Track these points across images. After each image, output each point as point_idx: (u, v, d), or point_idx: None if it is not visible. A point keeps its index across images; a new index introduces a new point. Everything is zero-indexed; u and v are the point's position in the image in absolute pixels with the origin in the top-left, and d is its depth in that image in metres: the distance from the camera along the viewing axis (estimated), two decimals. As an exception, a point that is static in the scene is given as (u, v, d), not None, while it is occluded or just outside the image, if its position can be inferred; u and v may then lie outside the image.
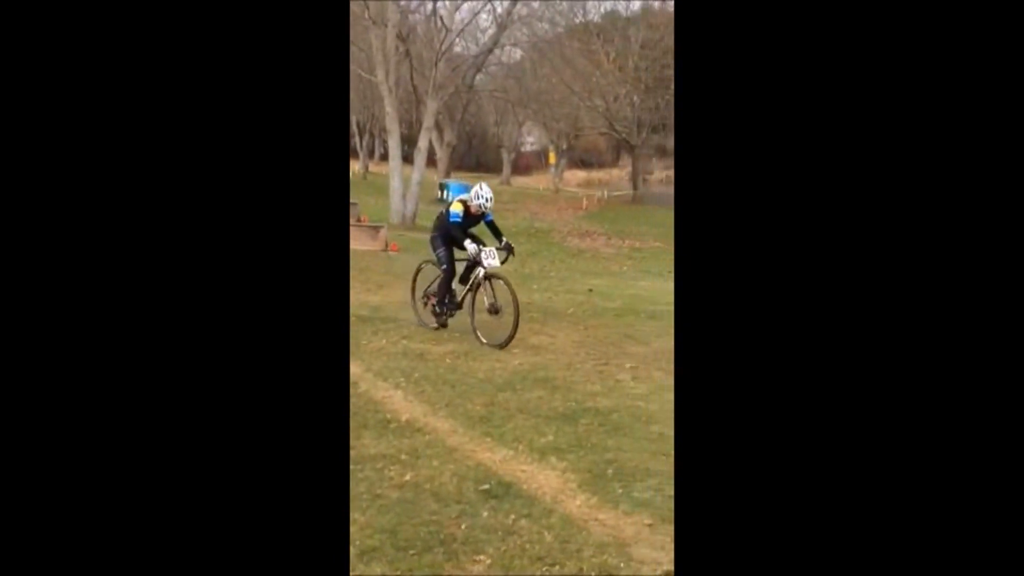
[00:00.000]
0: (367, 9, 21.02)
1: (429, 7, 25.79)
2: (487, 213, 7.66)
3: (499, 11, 26.30)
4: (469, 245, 7.43)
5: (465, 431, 4.93)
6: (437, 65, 23.17)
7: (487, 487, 3.99)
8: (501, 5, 26.06)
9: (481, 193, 7.58)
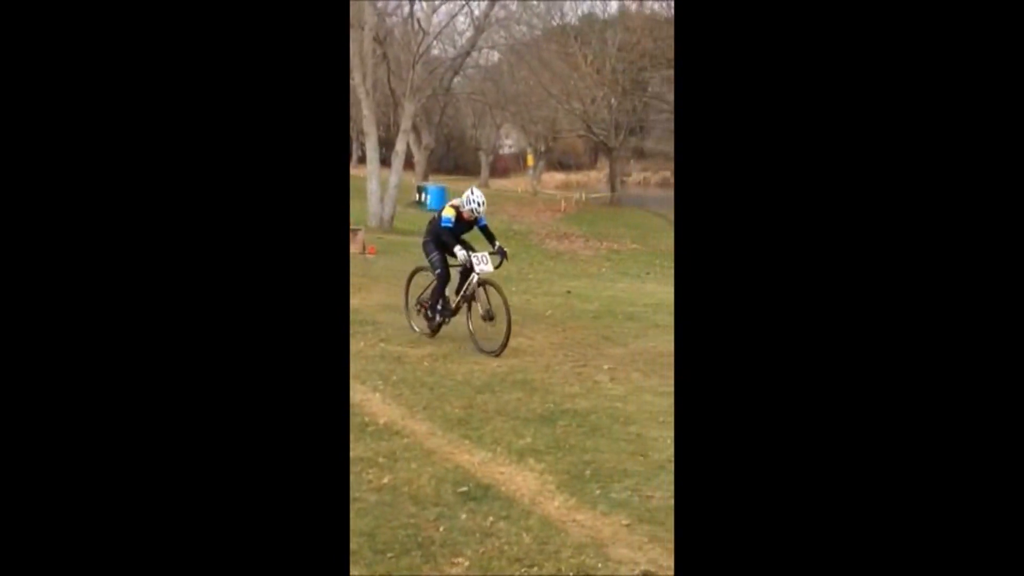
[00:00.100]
0: (344, 12, 20.89)
1: (406, 10, 25.70)
2: (480, 218, 7.49)
3: (476, 14, 26.29)
4: (459, 251, 7.26)
5: (443, 433, 4.93)
6: (414, 68, 23.12)
7: (465, 489, 4.00)
8: (478, 8, 26.06)
9: (472, 198, 7.41)
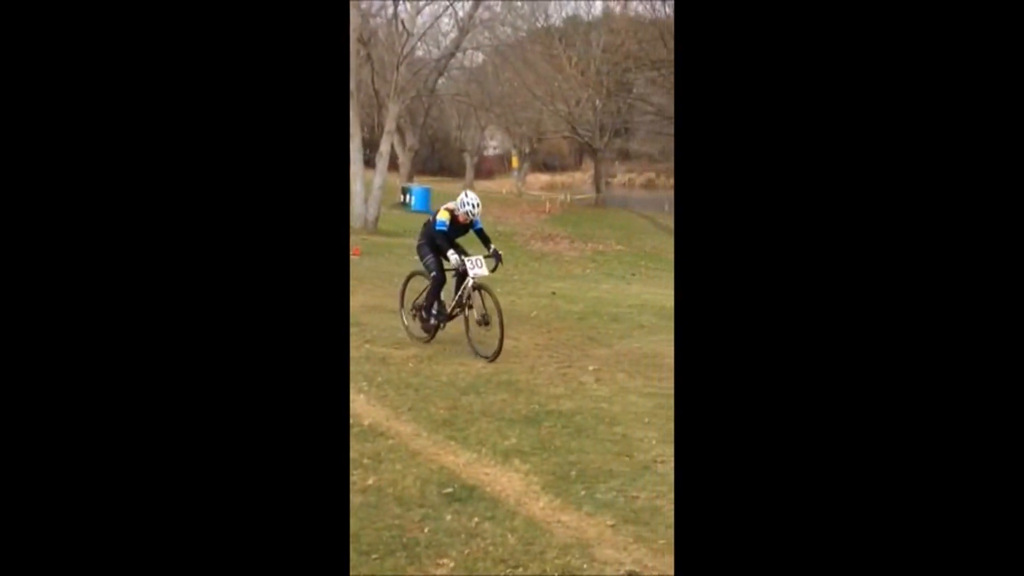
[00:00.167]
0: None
1: (390, 11, 25.64)
2: (476, 221, 7.34)
3: (461, 15, 26.25)
4: (452, 255, 7.07)
5: (428, 435, 4.92)
6: (399, 69, 23.06)
7: (450, 490, 3.99)
8: (463, 9, 26.01)
9: (466, 200, 7.25)
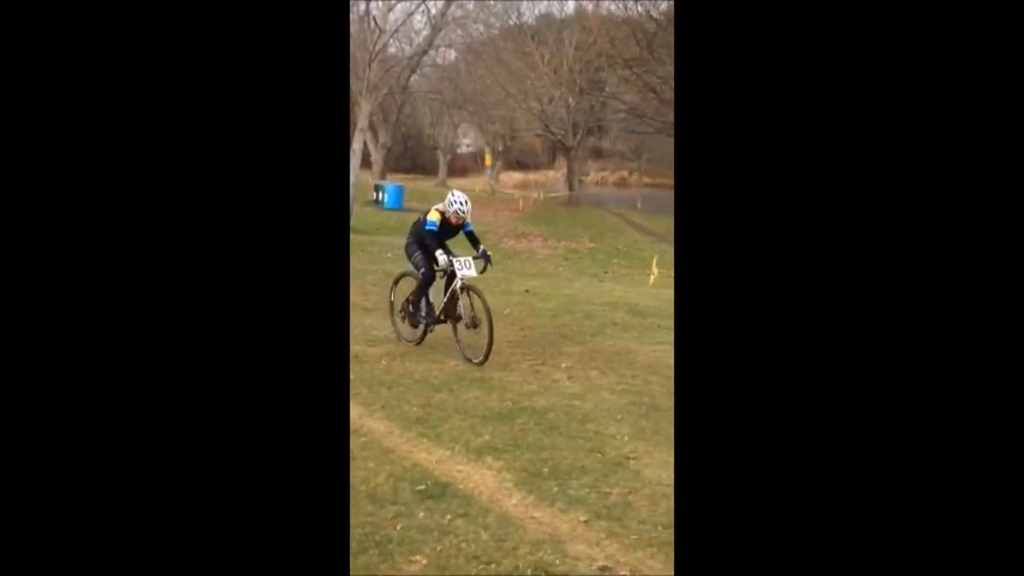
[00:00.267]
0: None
1: (362, 7, 25.53)
2: (467, 223, 7.22)
3: (433, 12, 26.21)
4: (440, 256, 6.93)
5: (401, 432, 4.92)
6: (371, 66, 22.99)
7: (423, 488, 3.99)
8: (435, 6, 25.96)
9: (454, 199, 7.09)
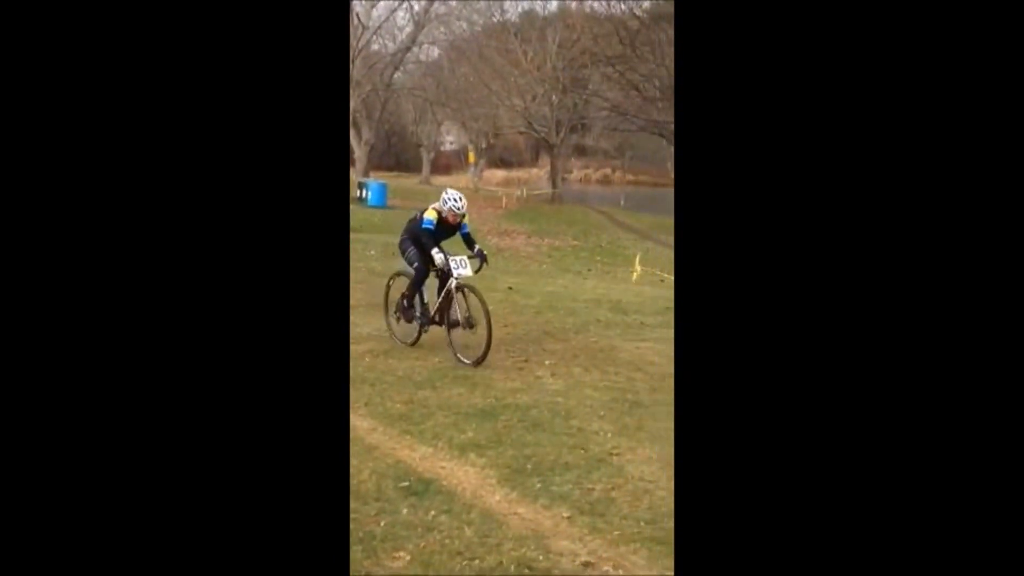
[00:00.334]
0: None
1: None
2: (464, 225, 7.12)
3: (416, 9, 26.20)
4: (436, 255, 6.82)
5: (384, 429, 4.91)
6: (354, 63, 22.99)
7: (406, 484, 3.99)
8: (418, 3, 25.98)
9: (448, 197, 6.97)
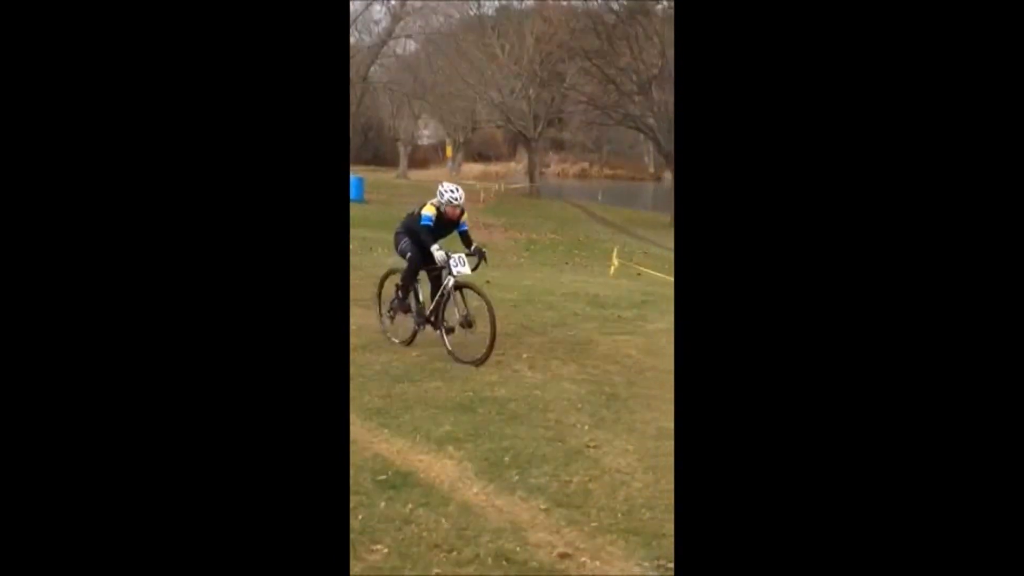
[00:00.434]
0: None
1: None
2: (463, 223, 6.98)
3: (392, 2, 26.08)
4: (437, 252, 6.70)
5: (362, 423, 4.91)
6: (330, 56, 22.82)
7: (384, 478, 4.00)
8: (395, -3, 25.87)
9: (444, 190, 6.83)
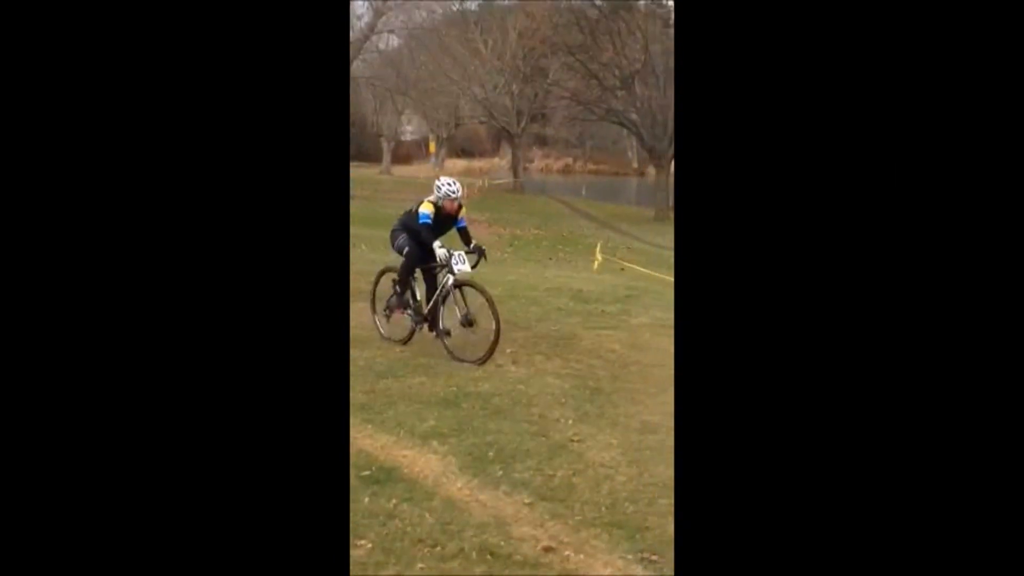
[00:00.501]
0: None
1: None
2: (461, 219, 6.95)
3: (375, -3, 26.00)
4: (438, 249, 6.61)
5: (346, 419, 4.90)
6: (313, 52, 22.71)
7: (368, 473, 3.99)
8: (377, -9, 25.76)
9: (441, 184, 6.78)
